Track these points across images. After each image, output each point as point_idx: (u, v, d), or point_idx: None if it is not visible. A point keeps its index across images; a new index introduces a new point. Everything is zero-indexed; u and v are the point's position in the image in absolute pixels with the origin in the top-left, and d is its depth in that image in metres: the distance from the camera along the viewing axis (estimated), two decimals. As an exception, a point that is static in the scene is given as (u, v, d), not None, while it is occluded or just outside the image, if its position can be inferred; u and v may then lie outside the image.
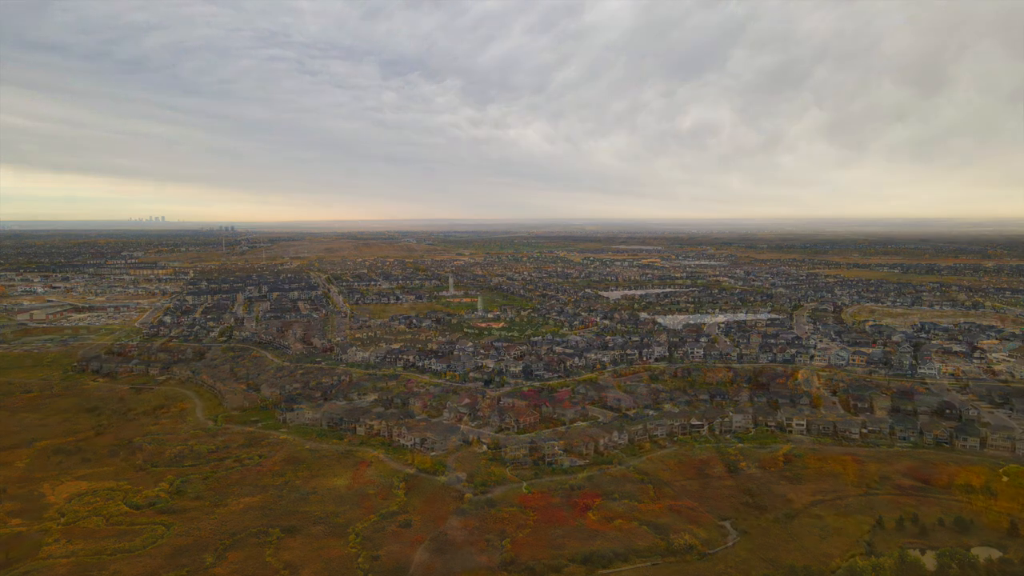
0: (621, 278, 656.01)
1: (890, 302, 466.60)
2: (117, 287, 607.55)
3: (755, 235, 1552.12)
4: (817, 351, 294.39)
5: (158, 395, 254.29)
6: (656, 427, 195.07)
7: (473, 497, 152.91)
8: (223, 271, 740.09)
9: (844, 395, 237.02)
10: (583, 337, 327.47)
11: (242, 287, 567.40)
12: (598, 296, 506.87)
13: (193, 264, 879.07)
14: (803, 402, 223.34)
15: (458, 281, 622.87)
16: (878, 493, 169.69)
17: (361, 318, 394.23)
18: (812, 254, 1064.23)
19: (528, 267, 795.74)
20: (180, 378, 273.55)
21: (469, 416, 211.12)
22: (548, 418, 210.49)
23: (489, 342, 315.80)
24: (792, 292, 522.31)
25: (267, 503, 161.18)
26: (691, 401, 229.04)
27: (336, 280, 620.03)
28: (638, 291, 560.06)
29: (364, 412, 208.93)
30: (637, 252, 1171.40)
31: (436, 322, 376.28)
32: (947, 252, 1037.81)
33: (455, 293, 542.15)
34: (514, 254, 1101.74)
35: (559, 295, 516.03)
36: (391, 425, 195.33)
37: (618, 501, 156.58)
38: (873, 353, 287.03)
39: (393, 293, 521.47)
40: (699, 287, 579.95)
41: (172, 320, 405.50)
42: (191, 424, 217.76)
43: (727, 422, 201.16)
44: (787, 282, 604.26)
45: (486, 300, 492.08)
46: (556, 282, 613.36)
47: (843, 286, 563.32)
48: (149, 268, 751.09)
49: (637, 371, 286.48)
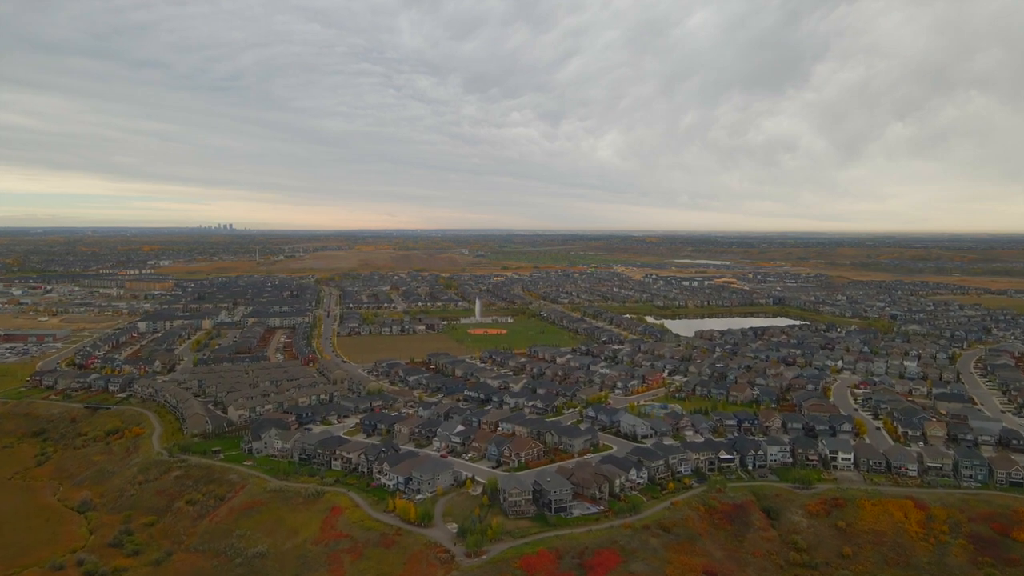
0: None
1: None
2: (80, 305, 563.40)
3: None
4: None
5: (114, 416, 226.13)
6: (680, 461, 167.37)
7: (465, 560, 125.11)
8: (222, 285, 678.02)
9: (888, 419, 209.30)
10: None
11: (228, 306, 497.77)
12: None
13: (209, 274, 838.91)
14: (844, 429, 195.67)
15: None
16: (950, 547, 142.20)
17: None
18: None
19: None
20: (142, 395, 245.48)
21: (462, 445, 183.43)
22: (554, 449, 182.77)
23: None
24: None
25: (219, 569, 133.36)
26: (716, 427, 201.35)
27: (347, 298, 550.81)
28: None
29: (341, 442, 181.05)
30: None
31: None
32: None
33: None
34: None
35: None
36: (371, 460, 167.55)
37: (641, 561, 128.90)
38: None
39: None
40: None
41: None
42: (143, 454, 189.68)
43: (761, 455, 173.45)
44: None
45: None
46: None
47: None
48: (153, 280, 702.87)
49: (652, 387, 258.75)
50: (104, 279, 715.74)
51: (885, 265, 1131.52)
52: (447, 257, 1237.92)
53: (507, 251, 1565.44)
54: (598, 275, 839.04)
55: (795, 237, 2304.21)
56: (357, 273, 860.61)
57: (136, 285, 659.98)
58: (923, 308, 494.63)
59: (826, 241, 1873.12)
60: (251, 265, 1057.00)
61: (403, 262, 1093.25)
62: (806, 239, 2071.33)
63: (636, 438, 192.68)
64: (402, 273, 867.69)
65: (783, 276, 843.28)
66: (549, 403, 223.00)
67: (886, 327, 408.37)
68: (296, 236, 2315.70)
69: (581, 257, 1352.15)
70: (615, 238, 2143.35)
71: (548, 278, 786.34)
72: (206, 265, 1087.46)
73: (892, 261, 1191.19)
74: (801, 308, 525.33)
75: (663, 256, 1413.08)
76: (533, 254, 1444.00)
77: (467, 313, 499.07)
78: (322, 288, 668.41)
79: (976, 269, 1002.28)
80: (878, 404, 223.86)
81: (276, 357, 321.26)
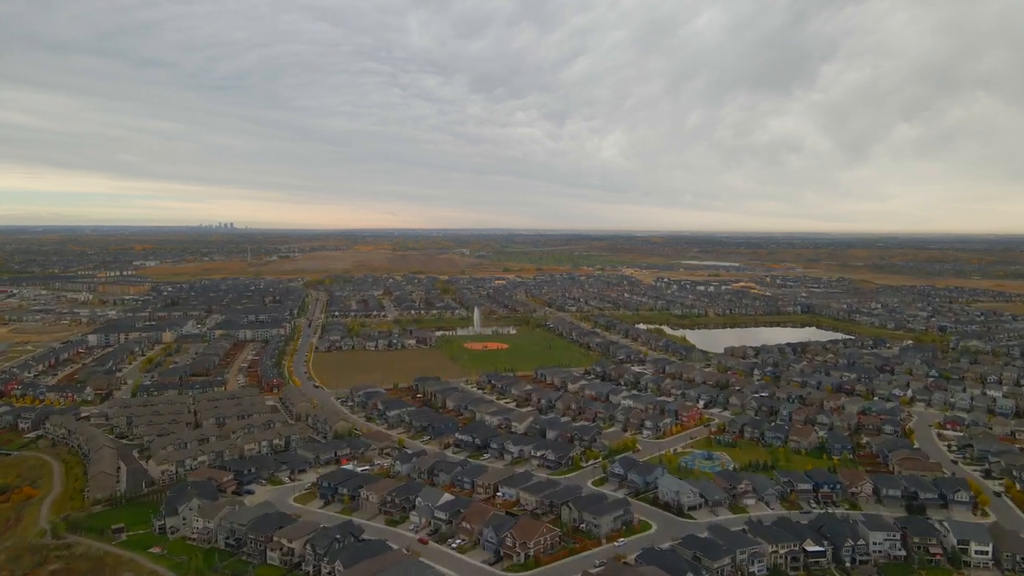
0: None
1: None
2: (40, 311, 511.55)
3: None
4: None
5: (10, 467, 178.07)
6: (751, 558, 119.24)
7: None
8: (203, 289, 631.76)
9: (1011, 481, 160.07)
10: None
11: (200, 314, 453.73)
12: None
13: (194, 276, 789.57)
14: (959, 498, 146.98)
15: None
16: None
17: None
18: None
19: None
20: (54, 436, 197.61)
21: (448, 524, 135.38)
22: (572, 530, 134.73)
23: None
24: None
25: None
26: (785, 494, 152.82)
27: (334, 305, 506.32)
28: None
29: (282, 522, 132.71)
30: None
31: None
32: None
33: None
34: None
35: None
36: (320, 553, 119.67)
37: None
38: None
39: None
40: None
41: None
42: (22, 532, 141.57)
43: (862, 546, 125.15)
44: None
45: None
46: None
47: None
48: (131, 282, 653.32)
49: (687, 426, 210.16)
50: (78, 282, 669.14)
51: (900, 267, 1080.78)
52: (446, 258, 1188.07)
53: (508, 251, 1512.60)
54: (606, 279, 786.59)
55: (801, 237, 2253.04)
56: (350, 276, 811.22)
57: (109, 289, 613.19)
58: (971, 319, 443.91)
59: (832, 242, 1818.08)
60: (241, 266, 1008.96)
61: (400, 263, 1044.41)
62: (814, 239, 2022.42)
63: (681, 509, 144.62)
64: (397, 276, 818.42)
65: (803, 280, 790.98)
66: (563, 454, 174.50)
67: (940, 342, 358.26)
68: (297, 235, 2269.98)
69: (585, 258, 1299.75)
70: (619, 238, 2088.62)
71: (553, 282, 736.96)
72: (195, 266, 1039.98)
73: (907, 263, 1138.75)
74: (834, 318, 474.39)
75: (669, 257, 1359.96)
76: (535, 254, 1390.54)
77: (465, 322, 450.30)
78: (309, 293, 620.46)
79: (997, 272, 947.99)
80: (984, 456, 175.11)
81: (236, 381, 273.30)
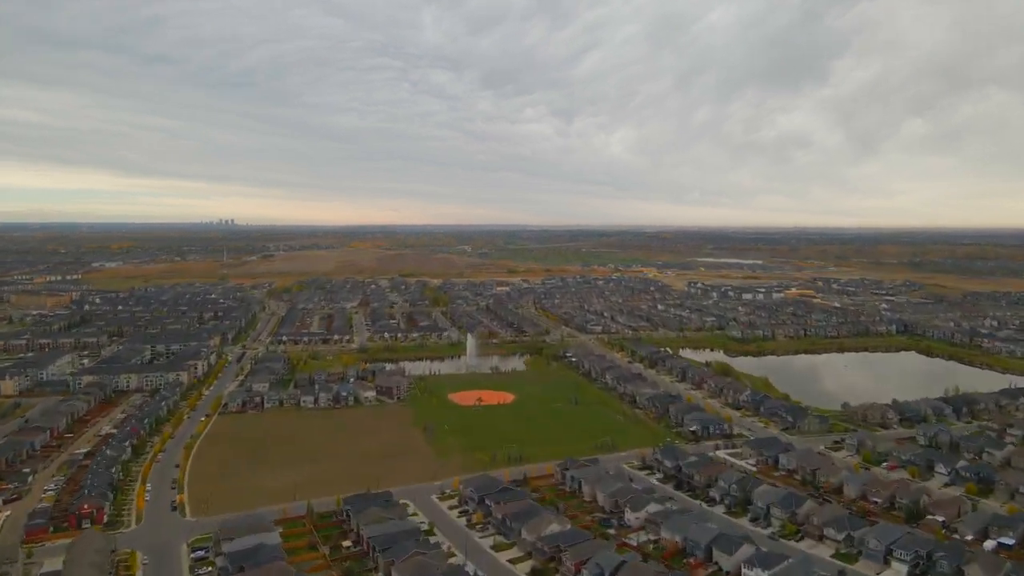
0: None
1: None
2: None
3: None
4: None
5: None
6: None
7: None
8: (141, 299, 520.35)
9: None
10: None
11: (100, 340, 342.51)
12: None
13: (150, 280, 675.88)
14: None
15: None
16: None
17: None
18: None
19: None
20: None
21: None
22: None
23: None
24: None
25: None
26: None
27: (289, 322, 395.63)
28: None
29: None
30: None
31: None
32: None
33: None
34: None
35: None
36: None
37: None
38: None
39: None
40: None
41: None
42: None
43: None
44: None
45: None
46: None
47: None
48: (59, 289, 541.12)
49: None
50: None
51: (939, 264, 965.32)
52: (443, 258, 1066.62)
53: (513, 248, 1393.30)
54: (628, 283, 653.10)
55: (813, 233, 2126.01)
56: (328, 279, 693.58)
57: (23, 300, 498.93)
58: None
59: (846, 238, 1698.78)
60: (213, 267, 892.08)
61: (390, 264, 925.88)
62: (826, 235, 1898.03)
63: None
64: (384, 280, 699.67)
65: (863, 284, 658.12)
66: None
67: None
68: (296, 232, 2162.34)
69: (595, 255, 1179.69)
70: (627, 234, 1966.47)
71: (566, 287, 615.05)
72: (162, 267, 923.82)
73: (945, 260, 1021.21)
74: (949, 341, 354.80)
75: (682, 254, 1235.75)
76: (541, 252, 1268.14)
77: (454, 350, 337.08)
78: (268, 303, 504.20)
79: None
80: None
81: (46, 489, 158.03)
